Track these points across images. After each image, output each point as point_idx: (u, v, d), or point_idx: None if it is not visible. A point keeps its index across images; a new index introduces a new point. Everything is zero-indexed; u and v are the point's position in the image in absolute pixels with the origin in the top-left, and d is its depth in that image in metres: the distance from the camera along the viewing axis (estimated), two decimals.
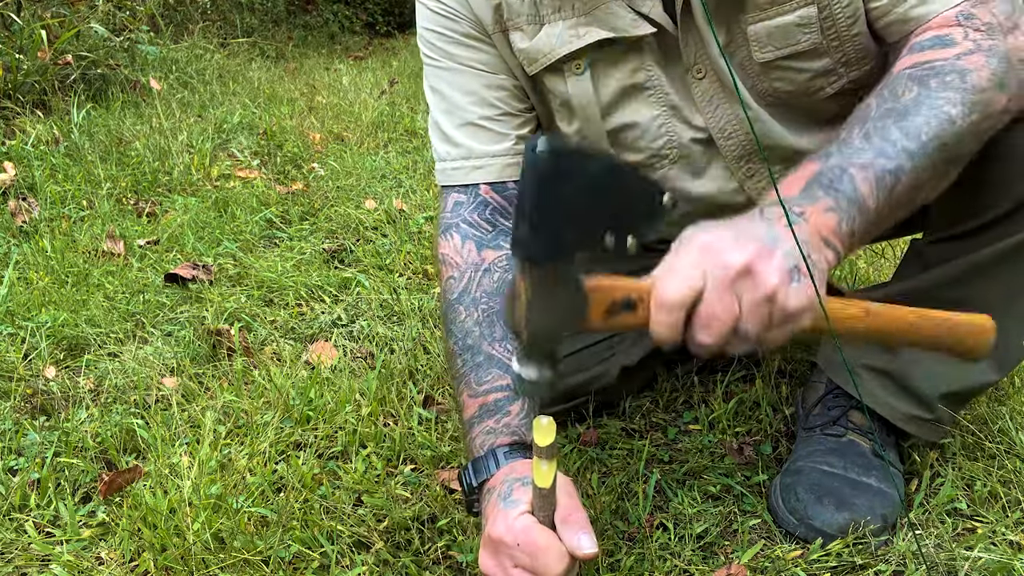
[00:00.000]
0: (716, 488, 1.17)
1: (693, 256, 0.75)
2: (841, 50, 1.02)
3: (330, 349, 1.58)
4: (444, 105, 1.13)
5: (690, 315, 0.74)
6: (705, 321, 0.74)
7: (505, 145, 1.12)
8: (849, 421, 1.16)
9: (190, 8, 4.78)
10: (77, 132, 2.82)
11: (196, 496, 1.11)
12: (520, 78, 1.12)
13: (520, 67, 1.10)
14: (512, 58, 1.10)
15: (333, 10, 6.13)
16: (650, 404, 1.39)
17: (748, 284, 0.73)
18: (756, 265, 0.73)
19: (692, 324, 0.75)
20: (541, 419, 0.81)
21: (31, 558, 1.07)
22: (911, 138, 0.85)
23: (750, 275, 0.73)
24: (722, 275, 0.73)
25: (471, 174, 1.12)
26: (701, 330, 0.75)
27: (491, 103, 1.11)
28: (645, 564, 1.03)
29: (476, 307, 1.06)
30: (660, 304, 0.74)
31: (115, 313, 1.72)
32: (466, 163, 1.12)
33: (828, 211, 0.81)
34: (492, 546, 0.88)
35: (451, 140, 1.13)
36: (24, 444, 1.30)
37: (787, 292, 0.74)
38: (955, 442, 1.21)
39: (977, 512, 1.10)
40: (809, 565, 1.02)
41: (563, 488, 0.88)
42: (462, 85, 1.12)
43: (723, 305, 0.73)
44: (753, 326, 0.74)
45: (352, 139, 3.12)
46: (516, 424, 0.98)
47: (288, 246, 2.12)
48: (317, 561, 1.05)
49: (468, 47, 1.11)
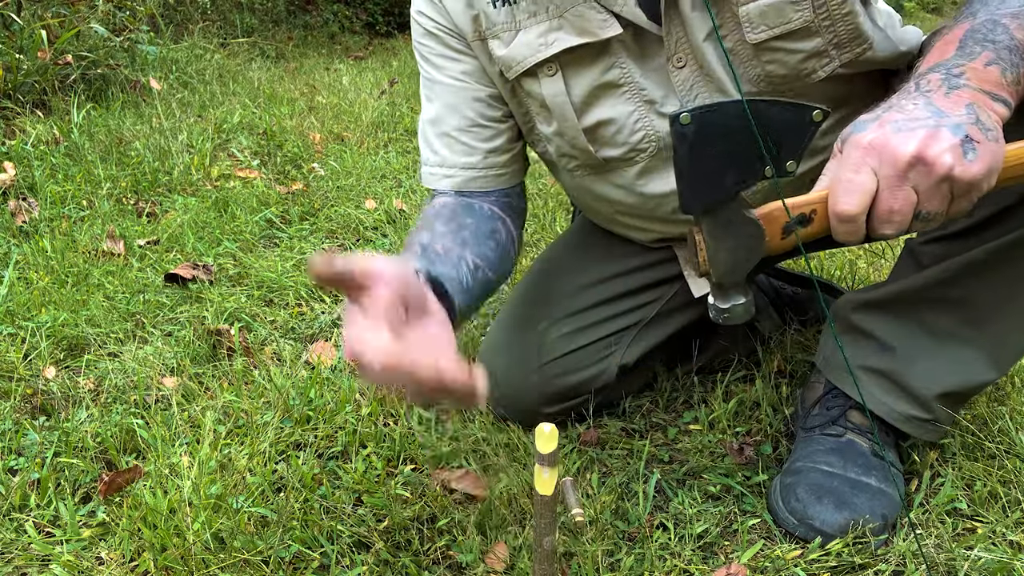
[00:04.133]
0: (716, 488, 1.17)
1: (859, 159, 0.77)
2: (833, 30, 1.03)
3: (330, 349, 1.58)
4: (431, 114, 1.20)
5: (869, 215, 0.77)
6: (886, 217, 0.76)
7: (473, 159, 1.18)
8: (848, 421, 1.16)
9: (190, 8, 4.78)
10: (77, 132, 2.82)
11: (196, 496, 1.11)
12: (499, 84, 1.16)
13: (499, 73, 1.14)
14: (491, 65, 1.14)
15: (333, 10, 6.13)
16: (650, 404, 1.39)
17: (921, 172, 0.75)
18: (925, 152, 0.74)
19: (872, 220, 0.77)
20: (543, 426, 0.80)
21: (31, 558, 1.07)
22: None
23: (921, 163, 0.74)
24: (892, 172, 0.75)
25: (441, 181, 1.19)
26: (883, 225, 0.77)
27: (466, 116, 1.17)
28: (645, 564, 1.03)
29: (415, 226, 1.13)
30: (839, 217, 0.77)
31: (115, 313, 1.72)
32: (439, 170, 1.19)
33: (989, 64, 0.81)
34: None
35: (432, 147, 1.20)
36: (24, 444, 1.30)
37: (964, 167, 0.74)
38: (955, 442, 1.21)
39: (977, 512, 1.10)
40: (809, 565, 1.02)
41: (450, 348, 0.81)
42: (445, 98, 1.18)
43: (900, 199, 0.75)
44: (935, 206, 0.76)
45: (352, 139, 3.12)
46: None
47: (288, 246, 2.12)
48: (317, 561, 1.05)
49: (451, 59, 1.16)
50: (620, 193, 1.20)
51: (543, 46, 1.08)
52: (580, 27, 1.05)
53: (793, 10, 1.01)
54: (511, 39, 1.10)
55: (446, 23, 1.14)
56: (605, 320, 1.29)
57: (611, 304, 1.30)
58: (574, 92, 1.10)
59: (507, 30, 1.10)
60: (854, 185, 0.76)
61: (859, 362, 1.13)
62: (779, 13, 1.01)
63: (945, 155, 0.74)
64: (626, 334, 1.30)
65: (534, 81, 1.11)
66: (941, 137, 0.74)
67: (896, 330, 1.11)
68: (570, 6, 1.05)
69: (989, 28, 0.84)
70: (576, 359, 1.27)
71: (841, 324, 1.17)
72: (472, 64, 1.15)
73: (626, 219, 1.26)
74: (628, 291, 1.30)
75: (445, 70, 1.17)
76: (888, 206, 0.76)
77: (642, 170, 1.15)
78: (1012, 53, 0.82)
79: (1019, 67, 0.81)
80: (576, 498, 0.90)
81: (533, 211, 2.28)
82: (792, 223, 0.81)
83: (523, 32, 1.09)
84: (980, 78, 0.80)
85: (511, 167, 1.21)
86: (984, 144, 0.75)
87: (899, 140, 0.75)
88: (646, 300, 1.31)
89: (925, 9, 8.63)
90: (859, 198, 0.76)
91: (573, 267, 1.34)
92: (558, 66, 1.09)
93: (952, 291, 1.05)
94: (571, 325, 1.28)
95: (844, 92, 1.11)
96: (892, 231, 0.77)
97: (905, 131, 0.76)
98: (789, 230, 0.82)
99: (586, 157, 1.16)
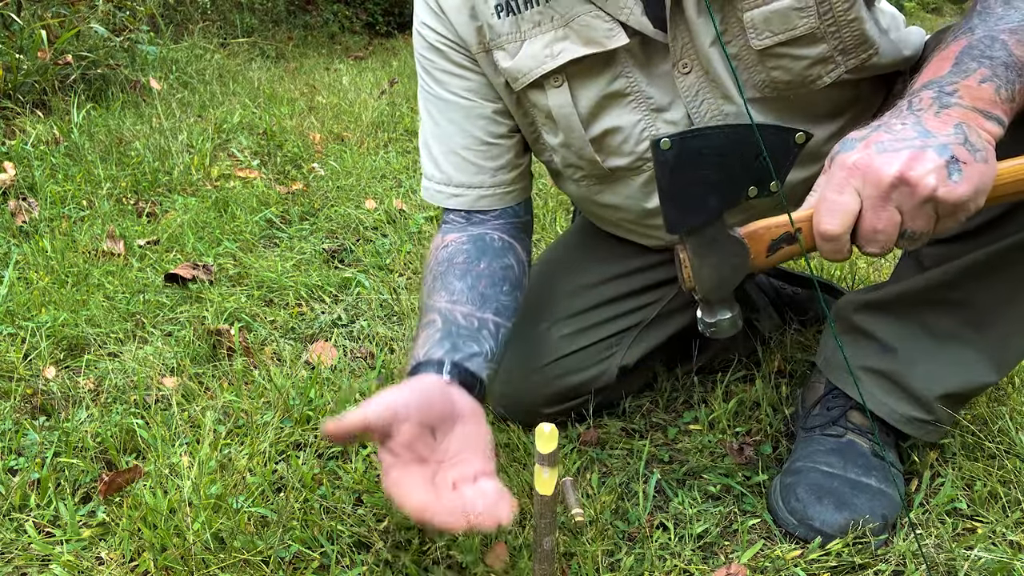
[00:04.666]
0: (716, 488, 1.17)
1: (844, 179, 0.77)
2: (838, 35, 1.02)
3: (330, 349, 1.58)
4: (434, 130, 1.18)
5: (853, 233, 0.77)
6: (870, 236, 0.77)
7: (481, 178, 1.17)
8: (849, 421, 1.16)
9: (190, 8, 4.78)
10: (77, 132, 2.82)
11: (196, 496, 1.11)
12: (504, 96, 1.14)
13: (504, 85, 1.13)
14: (496, 77, 1.13)
15: (333, 10, 6.13)
16: (650, 404, 1.39)
17: (904, 193, 0.75)
18: (908, 173, 0.74)
19: (857, 239, 0.78)
20: (543, 426, 0.80)
21: (31, 558, 1.07)
22: None
23: (904, 184, 0.74)
24: (876, 192, 0.75)
25: (448, 200, 1.19)
26: (868, 244, 0.78)
27: (473, 135, 1.16)
28: (645, 564, 1.03)
29: (430, 273, 1.13)
30: (823, 236, 0.78)
31: (115, 313, 1.72)
32: (446, 188, 1.18)
33: (984, 81, 0.80)
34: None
35: (436, 163, 1.19)
36: (24, 444, 1.30)
37: (948, 188, 0.74)
38: (955, 442, 1.21)
39: (977, 512, 1.10)
40: (809, 565, 1.02)
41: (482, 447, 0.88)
42: (448, 115, 1.17)
43: (884, 219, 0.76)
44: (920, 226, 0.76)
45: (352, 139, 3.12)
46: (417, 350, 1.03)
47: (288, 246, 2.12)
48: (317, 561, 1.05)
49: (455, 76, 1.15)
50: (626, 202, 1.19)
51: (549, 57, 1.06)
52: (587, 37, 1.04)
53: (798, 16, 1.00)
54: (516, 50, 1.08)
55: (451, 36, 1.12)
56: (606, 321, 1.29)
57: (612, 305, 1.30)
58: (581, 103, 1.09)
59: (512, 41, 1.08)
60: (837, 205, 0.77)
61: (860, 363, 1.13)
62: (784, 19, 1.01)
63: (929, 176, 0.73)
64: (627, 335, 1.30)
65: (540, 93, 1.10)
66: (926, 158, 0.74)
67: (897, 331, 1.11)
68: (576, 16, 1.04)
69: (987, 44, 0.83)
70: (577, 360, 1.27)
71: (842, 324, 1.17)
72: (477, 80, 1.14)
73: (631, 226, 1.26)
74: (630, 292, 1.30)
75: (449, 86, 1.15)
76: (871, 226, 0.76)
77: (648, 179, 1.15)
78: (1008, 70, 0.81)
79: (1015, 84, 0.81)
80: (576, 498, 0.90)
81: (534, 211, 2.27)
82: (778, 241, 0.82)
83: (528, 43, 1.07)
84: (973, 96, 0.79)
85: (519, 184, 1.20)
86: (971, 165, 0.74)
87: (882, 161, 0.75)
88: (647, 301, 1.31)
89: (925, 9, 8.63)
90: (842, 218, 0.76)
91: (574, 267, 1.34)
92: (564, 77, 1.08)
93: (954, 293, 1.05)
94: (572, 326, 1.28)
95: (850, 97, 1.11)
96: (877, 250, 0.77)
97: (890, 152, 0.76)
98: (775, 248, 0.83)
99: (592, 167, 1.16)
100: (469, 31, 1.10)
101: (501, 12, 1.07)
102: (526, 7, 1.06)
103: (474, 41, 1.11)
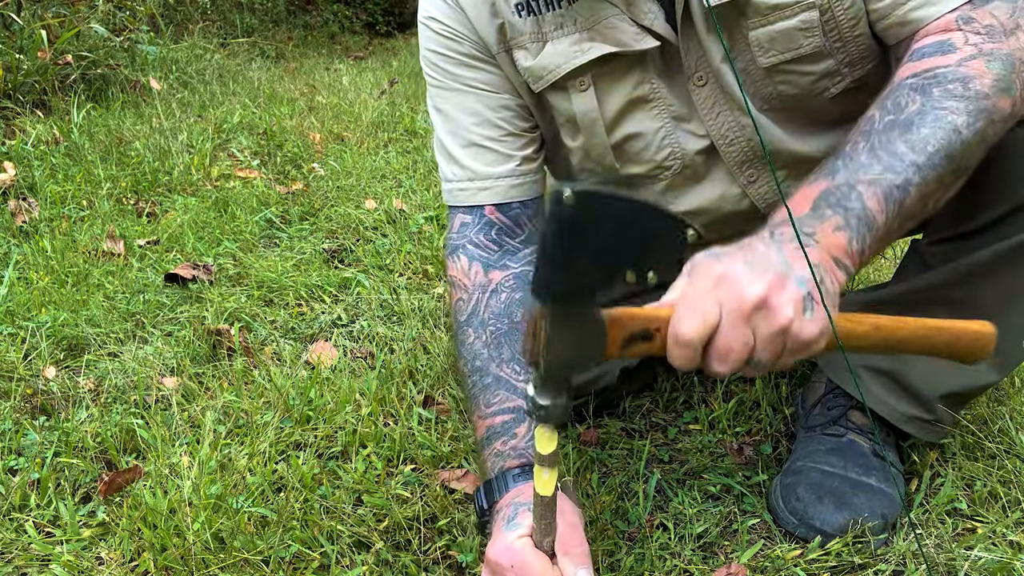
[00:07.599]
0: (716, 488, 1.17)
1: (708, 288, 0.75)
2: (844, 51, 1.02)
3: (330, 349, 1.58)
4: (449, 126, 1.14)
5: (706, 345, 0.75)
6: (722, 354, 0.74)
7: (509, 166, 1.12)
8: (849, 421, 1.16)
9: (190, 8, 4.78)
10: (77, 132, 2.82)
11: (196, 496, 1.11)
12: (524, 96, 1.12)
13: (524, 85, 1.11)
14: (516, 76, 1.11)
15: (333, 10, 6.14)
16: (650, 404, 1.39)
17: (763, 317, 0.73)
18: (771, 298, 0.73)
19: (708, 354, 0.75)
20: (543, 427, 0.81)
21: (31, 558, 1.07)
22: (917, 151, 0.84)
23: (765, 308, 0.73)
24: (737, 309, 0.73)
25: (476, 195, 1.13)
26: (717, 361, 0.75)
27: (495, 124, 1.12)
28: (645, 564, 1.03)
29: (484, 329, 1.07)
30: (676, 340, 0.75)
31: (115, 313, 1.72)
32: (471, 184, 1.13)
33: (838, 230, 0.80)
34: (489, 567, 0.89)
35: (456, 161, 1.14)
36: (24, 444, 1.30)
37: (801, 324, 0.74)
38: (955, 442, 1.21)
39: (977, 512, 1.10)
40: (809, 565, 1.02)
41: (568, 517, 0.88)
42: (466, 106, 1.12)
43: (738, 339, 0.73)
44: (767, 356, 0.75)
45: (352, 139, 3.12)
46: (523, 447, 0.99)
47: (288, 246, 2.12)
48: (317, 561, 1.05)
49: (472, 67, 1.11)
50: None
51: (579, 53, 1.05)
52: (615, 39, 1.04)
53: (803, 36, 1.00)
54: (538, 50, 1.07)
55: (465, 30, 1.10)
56: None
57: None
58: (606, 108, 1.08)
59: (534, 41, 1.07)
60: (699, 311, 0.74)
61: (861, 362, 1.13)
62: (789, 39, 1.01)
63: (787, 306, 0.73)
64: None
65: (562, 96, 1.09)
66: (787, 287, 0.74)
67: None
68: (602, 19, 1.03)
69: (844, 193, 0.82)
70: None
71: None
72: (495, 74, 1.11)
73: None
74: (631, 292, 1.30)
75: (463, 78, 1.12)
76: (727, 344, 0.74)
77: (665, 188, 1.15)
78: (861, 223, 0.81)
79: (866, 239, 0.81)
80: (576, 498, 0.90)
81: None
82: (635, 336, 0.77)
83: (552, 43, 1.06)
84: (829, 242, 0.79)
85: (538, 176, 1.17)
86: (819, 308, 0.75)
87: (749, 279, 0.74)
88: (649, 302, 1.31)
89: None
90: (702, 325, 0.73)
91: None
92: (590, 80, 1.07)
93: (956, 292, 1.05)
94: None
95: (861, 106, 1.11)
96: (724, 370, 0.75)
97: (757, 271, 0.75)
98: (630, 342, 0.77)
99: (609, 175, 1.14)
100: (489, 28, 1.09)
101: (522, 11, 1.06)
102: (547, 8, 1.05)
103: (494, 40, 1.09)
